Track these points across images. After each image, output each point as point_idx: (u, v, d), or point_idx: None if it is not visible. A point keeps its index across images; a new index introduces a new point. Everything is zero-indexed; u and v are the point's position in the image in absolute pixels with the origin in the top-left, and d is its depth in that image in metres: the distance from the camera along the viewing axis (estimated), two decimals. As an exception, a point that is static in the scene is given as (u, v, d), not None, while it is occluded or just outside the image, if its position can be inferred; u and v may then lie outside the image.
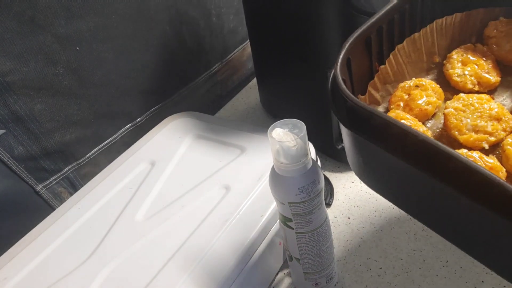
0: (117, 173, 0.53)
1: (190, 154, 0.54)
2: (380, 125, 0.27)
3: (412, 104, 0.37)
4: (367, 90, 0.37)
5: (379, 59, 0.38)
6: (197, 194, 0.47)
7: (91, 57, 0.54)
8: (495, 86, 0.39)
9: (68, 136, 0.55)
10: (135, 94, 0.62)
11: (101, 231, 0.45)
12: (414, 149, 0.25)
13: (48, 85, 0.50)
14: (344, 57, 0.32)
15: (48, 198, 0.54)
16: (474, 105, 0.35)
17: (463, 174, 0.23)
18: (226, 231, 0.42)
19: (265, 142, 0.52)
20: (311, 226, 0.36)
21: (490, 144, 0.34)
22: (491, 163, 0.32)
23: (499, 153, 0.34)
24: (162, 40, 0.63)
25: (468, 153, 0.33)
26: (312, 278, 0.41)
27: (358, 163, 0.33)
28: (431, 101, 0.37)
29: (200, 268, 0.39)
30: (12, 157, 0.49)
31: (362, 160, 0.32)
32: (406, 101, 0.37)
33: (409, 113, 0.37)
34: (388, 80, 0.39)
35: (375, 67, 0.38)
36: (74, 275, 0.41)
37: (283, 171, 0.34)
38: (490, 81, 0.38)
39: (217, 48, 0.75)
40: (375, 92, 0.38)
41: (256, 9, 0.60)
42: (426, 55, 0.40)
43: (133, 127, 0.63)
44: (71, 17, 0.50)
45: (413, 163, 0.26)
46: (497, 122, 0.35)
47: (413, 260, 0.45)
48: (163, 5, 0.61)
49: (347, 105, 0.29)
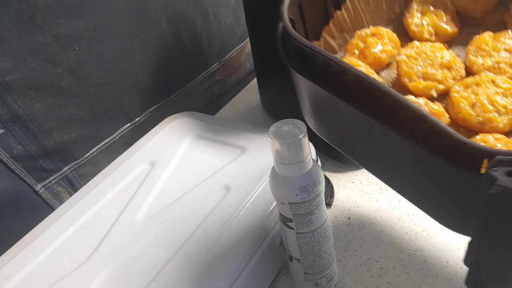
0: (117, 173, 0.53)
1: (190, 154, 0.54)
2: (321, 64, 0.27)
3: (367, 52, 0.36)
4: (322, 36, 0.37)
5: (336, 3, 0.37)
6: (197, 194, 0.47)
7: (90, 57, 0.54)
8: (452, 37, 0.39)
9: (67, 135, 0.54)
10: (134, 94, 0.62)
11: (101, 231, 0.45)
12: (351, 86, 0.25)
13: (47, 84, 0.50)
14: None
15: (47, 198, 0.54)
16: (427, 53, 0.35)
17: (393, 110, 0.23)
18: (226, 231, 0.42)
19: (265, 142, 0.52)
20: (312, 227, 0.36)
21: (439, 92, 0.34)
22: (435, 109, 0.32)
23: (447, 102, 0.34)
24: (160, 40, 0.63)
25: (414, 99, 0.32)
26: (312, 278, 0.41)
27: (308, 108, 0.32)
28: (386, 50, 0.37)
29: (200, 269, 0.39)
30: (11, 157, 0.49)
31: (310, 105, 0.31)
32: (362, 49, 0.37)
33: (363, 61, 0.36)
34: (345, 27, 0.38)
35: (331, 12, 0.37)
36: (74, 275, 0.41)
37: (284, 171, 0.33)
38: (447, 31, 0.38)
39: (215, 47, 0.75)
40: (331, 39, 0.37)
41: (256, 6, 0.60)
42: (386, 4, 0.40)
43: (132, 127, 0.63)
44: (70, 17, 0.50)
45: (349, 100, 0.26)
46: (448, 70, 0.34)
47: (414, 260, 0.45)
48: (161, 5, 0.61)
49: (293, 45, 0.28)
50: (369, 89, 0.24)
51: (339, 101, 0.26)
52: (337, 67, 0.25)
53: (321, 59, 0.26)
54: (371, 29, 0.38)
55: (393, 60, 0.38)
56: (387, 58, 0.37)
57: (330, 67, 0.26)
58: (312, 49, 0.27)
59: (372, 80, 0.24)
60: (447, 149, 0.21)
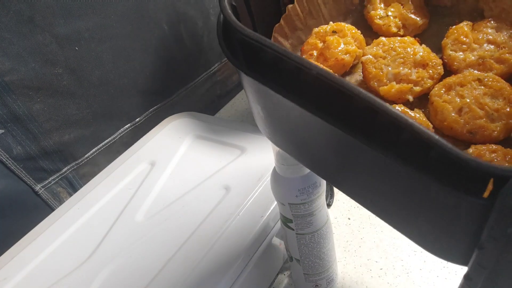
0: (117, 174, 0.53)
1: (190, 154, 0.54)
2: (271, 60, 0.21)
3: (327, 53, 0.31)
4: (272, 36, 0.31)
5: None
6: (197, 194, 0.47)
7: (90, 57, 0.54)
8: (422, 29, 0.33)
9: (67, 136, 0.54)
10: (134, 94, 0.62)
11: (101, 232, 0.45)
12: (310, 88, 0.20)
13: (47, 85, 0.50)
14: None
15: (47, 198, 0.54)
16: (396, 49, 0.30)
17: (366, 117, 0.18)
18: (226, 231, 0.42)
19: (265, 142, 0.52)
20: (312, 228, 0.36)
21: (415, 95, 0.29)
22: (416, 119, 0.26)
23: (427, 108, 0.29)
24: (161, 40, 0.63)
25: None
26: (312, 279, 0.40)
27: (259, 114, 0.26)
28: (350, 50, 0.31)
29: (200, 269, 0.39)
30: (10, 157, 0.49)
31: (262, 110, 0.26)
32: (321, 49, 0.31)
33: (323, 64, 0.31)
34: (298, 24, 0.33)
35: (282, 4, 0.32)
36: (74, 276, 0.41)
37: (284, 172, 0.33)
38: (417, 23, 0.32)
39: (216, 48, 0.75)
40: (283, 39, 0.32)
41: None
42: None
43: (132, 127, 0.63)
44: (70, 17, 0.50)
45: (308, 106, 0.20)
46: (423, 68, 0.29)
47: (414, 261, 0.45)
48: (162, 5, 0.61)
49: (237, 38, 0.23)
50: (333, 91, 0.19)
51: (296, 107, 0.21)
52: (292, 64, 0.20)
53: (272, 55, 0.21)
54: (331, 25, 0.32)
55: (357, 61, 0.32)
56: (351, 60, 0.31)
57: (283, 64, 0.21)
58: (259, 41, 0.21)
59: (337, 80, 0.19)
60: (439, 167, 0.17)
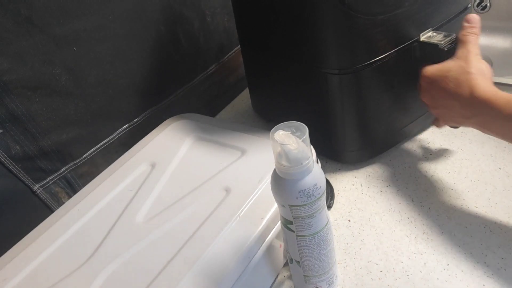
0: (117, 175, 0.52)
1: (190, 155, 0.54)
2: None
3: None
4: None
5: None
6: (197, 196, 0.47)
7: (88, 57, 0.54)
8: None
9: (65, 136, 0.54)
10: (131, 95, 0.62)
11: (101, 233, 0.45)
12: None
13: (45, 85, 0.50)
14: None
15: (45, 198, 0.54)
16: None
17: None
18: (227, 233, 0.42)
19: (266, 144, 0.52)
20: (312, 230, 0.36)
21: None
22: None
23: None
24: (158, 41, 0.63)
25: None
26: (312, 281, 0.40)
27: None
28: None
29: (200, 271, 0.39)
30: (9, 157, 0.49)
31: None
32: None
33: None
34: None
35: None
36: (73, 277, 0.41)
37: (284, 174, 0.33)
38: None
39: (213, 48, 0.75)
40: None
41: (246, 9, 0.59)
42: None
43: (130, 128, 0.63)
44: (68, 17, 0.50)
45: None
46: None
47: (414, 263, 0.45)
48: (159, 6, 0.61)
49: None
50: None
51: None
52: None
53: None
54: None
55: None
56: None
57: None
58: None
59: None
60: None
